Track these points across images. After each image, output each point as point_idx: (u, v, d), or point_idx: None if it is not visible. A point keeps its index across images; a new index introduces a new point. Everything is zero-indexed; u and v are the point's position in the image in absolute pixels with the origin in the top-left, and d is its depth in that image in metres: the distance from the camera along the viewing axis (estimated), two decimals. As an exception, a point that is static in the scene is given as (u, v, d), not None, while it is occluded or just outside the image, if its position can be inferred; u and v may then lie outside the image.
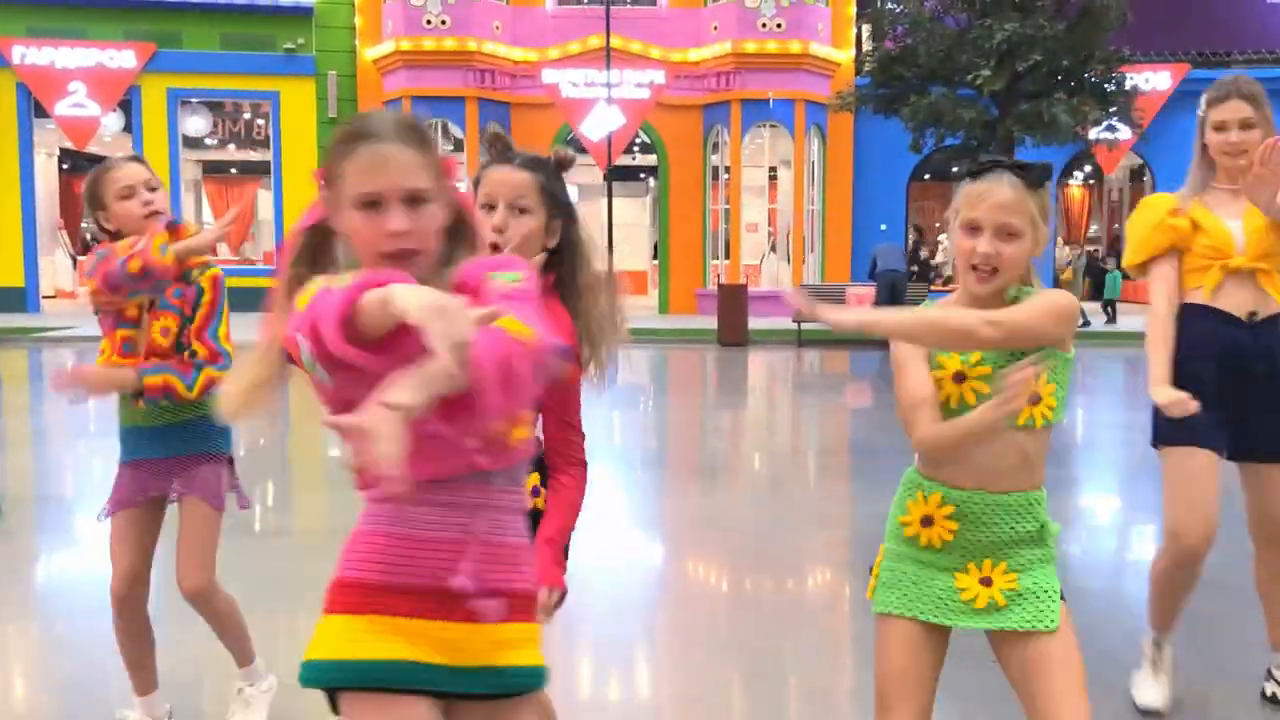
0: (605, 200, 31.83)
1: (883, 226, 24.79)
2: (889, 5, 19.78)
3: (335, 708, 1.68)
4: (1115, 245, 31.76)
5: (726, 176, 24.37)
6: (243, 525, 4.67)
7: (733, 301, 17.91)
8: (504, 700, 1.76)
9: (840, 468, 8.76)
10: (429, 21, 23.01)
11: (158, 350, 3.11)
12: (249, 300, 3.65)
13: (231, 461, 3.34)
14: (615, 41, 23.22)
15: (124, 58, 23.51)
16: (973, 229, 2.20)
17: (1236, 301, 3.35)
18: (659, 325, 20.69)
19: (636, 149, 26.84)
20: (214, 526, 3.24)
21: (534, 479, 2.31)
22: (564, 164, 2.46)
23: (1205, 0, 24.41)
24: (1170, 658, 3.60)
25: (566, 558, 2.30)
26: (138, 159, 3.23)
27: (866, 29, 20.72)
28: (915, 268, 26.66)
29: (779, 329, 19.38)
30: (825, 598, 5.15)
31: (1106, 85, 18.67)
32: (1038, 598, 2.23)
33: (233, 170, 28.09)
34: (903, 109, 18.36)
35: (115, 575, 3.20)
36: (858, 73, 22.91)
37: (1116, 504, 7.24)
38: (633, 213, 29.94)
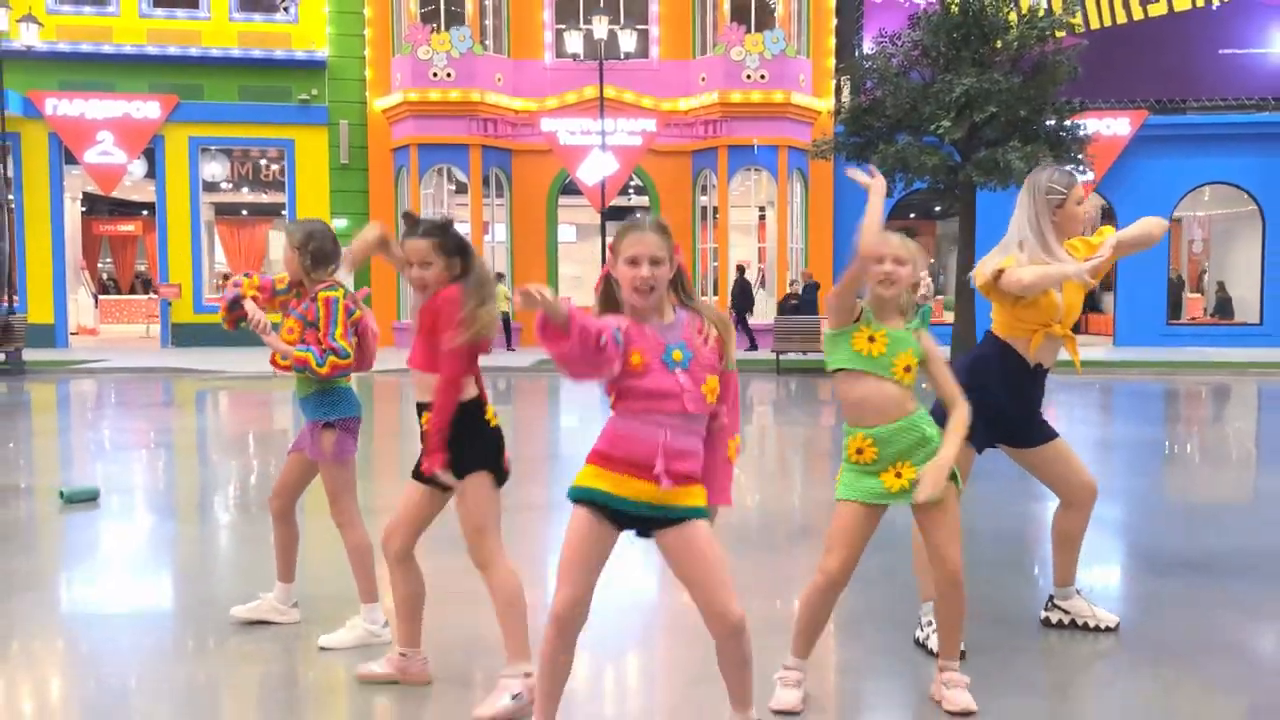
0: (598, 238, 33.45)
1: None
2: (864, 61, 21.35)
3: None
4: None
5: (715, 218, 25.91)
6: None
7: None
8: (680, 522, 3.16)
9: (826, 481, 10.12)
10: (435, 74, 24.59)
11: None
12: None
13: (343, 425, 4.62)
14: (610, 92, 24.83)
15: (149, 109, 25.12)
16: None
17: (1043, 355, 4.56)
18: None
19: (631, 191, 28.38)
20: (335, 477, 4.65)
21: None
22: (449, 222, 4.03)
23: (1160, 50, 26.00)
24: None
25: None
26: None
27: (845, 81, 22.27)
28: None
29: (760, 359, 20.88)
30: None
31: (1061, 133, 20.16)
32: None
33: (244, 212, 29.62)
34: (873, 156, 19.85)
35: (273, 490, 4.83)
36: (836, 121, 24.43)
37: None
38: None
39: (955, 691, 3.80)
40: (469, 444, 3.82)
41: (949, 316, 22.44)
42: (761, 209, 27.94)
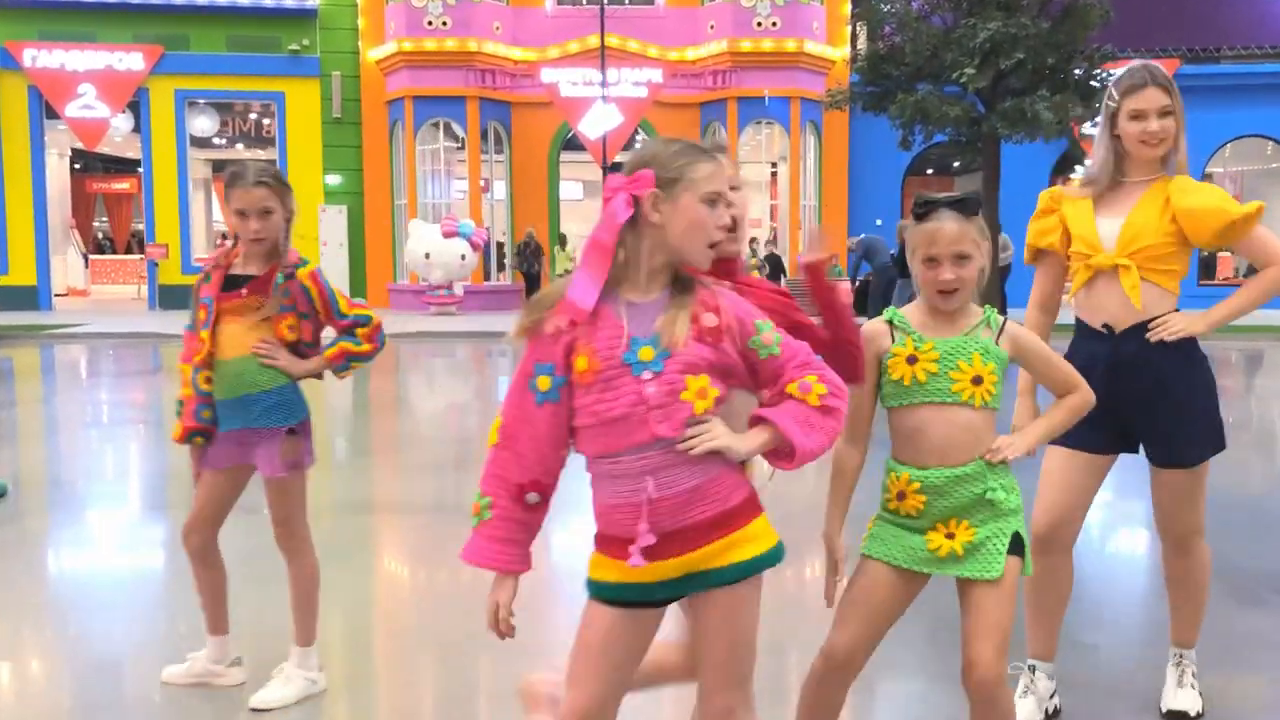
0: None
1: (878, 221, 25.11)
2: (881, 4, 20.10)
3: None
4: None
5: (724, 173, 24.74)
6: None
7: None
8: (715, 589, 2.22)
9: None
10: (430, 23, 23.44)
11: (291, 343, 3.63)
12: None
13: (303, 428, 3.72)
14: (613, 41, 23.64)
15: (132, 60, 24.03)
16: (932, 261, 2.68)
17: (1102, 308, 3.39)
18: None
19: (638, 144, 27.16)
20: (290, 493, 3.73)
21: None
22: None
23: (1196, -3, 24.71)
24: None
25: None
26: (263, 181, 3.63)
27: (861, 27, 21.07)
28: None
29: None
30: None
31: (1091, 82, 18.96)
32: (987, 551, 2.67)
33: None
34: (890, 106, 18.71)
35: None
36: (852, 71, 23.23)
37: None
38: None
39: None
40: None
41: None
42: (774, 164, 26.72)
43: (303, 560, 3.75)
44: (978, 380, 2.68)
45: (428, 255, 22.06)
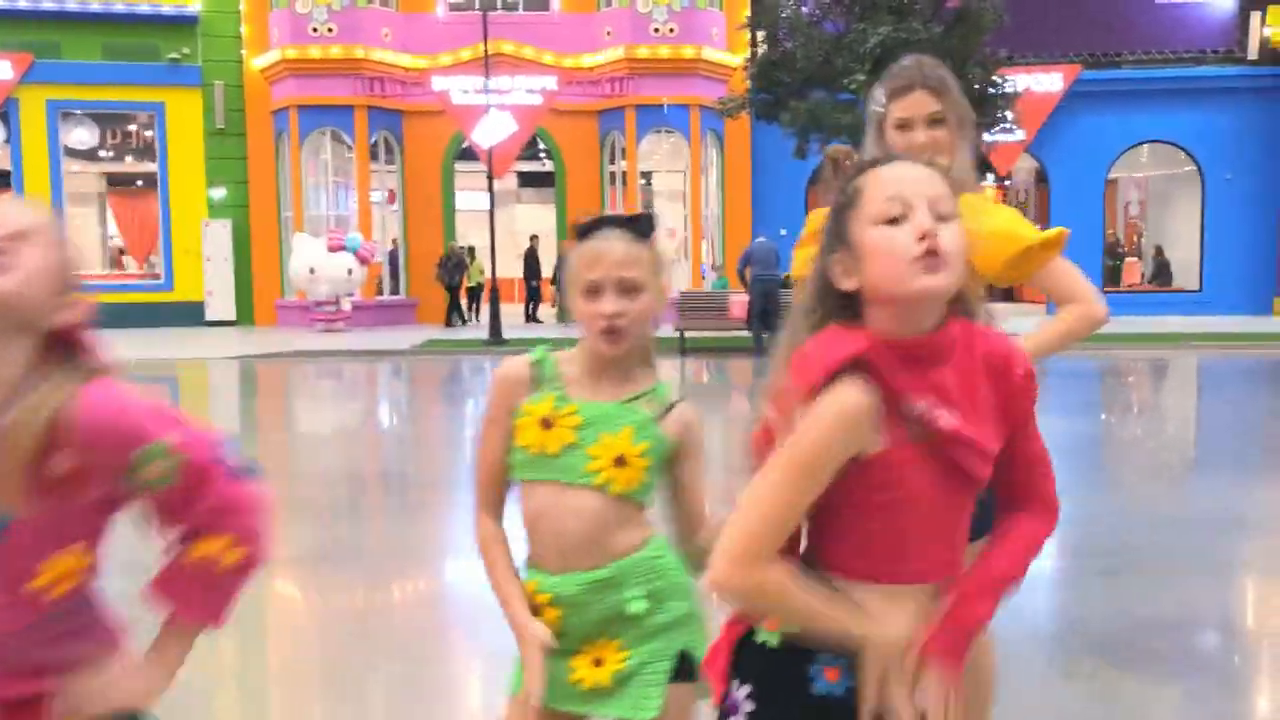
0: (514, 208, 31.57)
1: (782, 231, 24.59)
2: (780, 10, 19.57)
3: None
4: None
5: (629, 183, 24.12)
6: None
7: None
8: None
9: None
10: (315, 29, 22.56)
11: None
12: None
13: None
14: (508, 47, 22.96)
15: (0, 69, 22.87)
16: (593, 290, 2.03)
17: None
18: (550, 335, 20.40)
19: (544, 155, 26.48)
20: None
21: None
22: None
23: (1095, 2, 24.47)
24: None
25: None
26: None
27: (756, 33, 20.49)
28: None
29: (665, 337, 19.21)
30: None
31: (989, 88, 18.59)
32: (643, 682, 2.05)
33: (139, 183, 27.18)
34: (782, 114, 18.18)
35: None
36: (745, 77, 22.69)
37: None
38: (551, 220, 29.43)
39: None
40: None
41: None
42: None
43: None
44: (621, 461, 2.01)
45: (312, 270, 21.16)
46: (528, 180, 30.51)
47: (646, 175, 25.36)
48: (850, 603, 1.57)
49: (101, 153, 25.75)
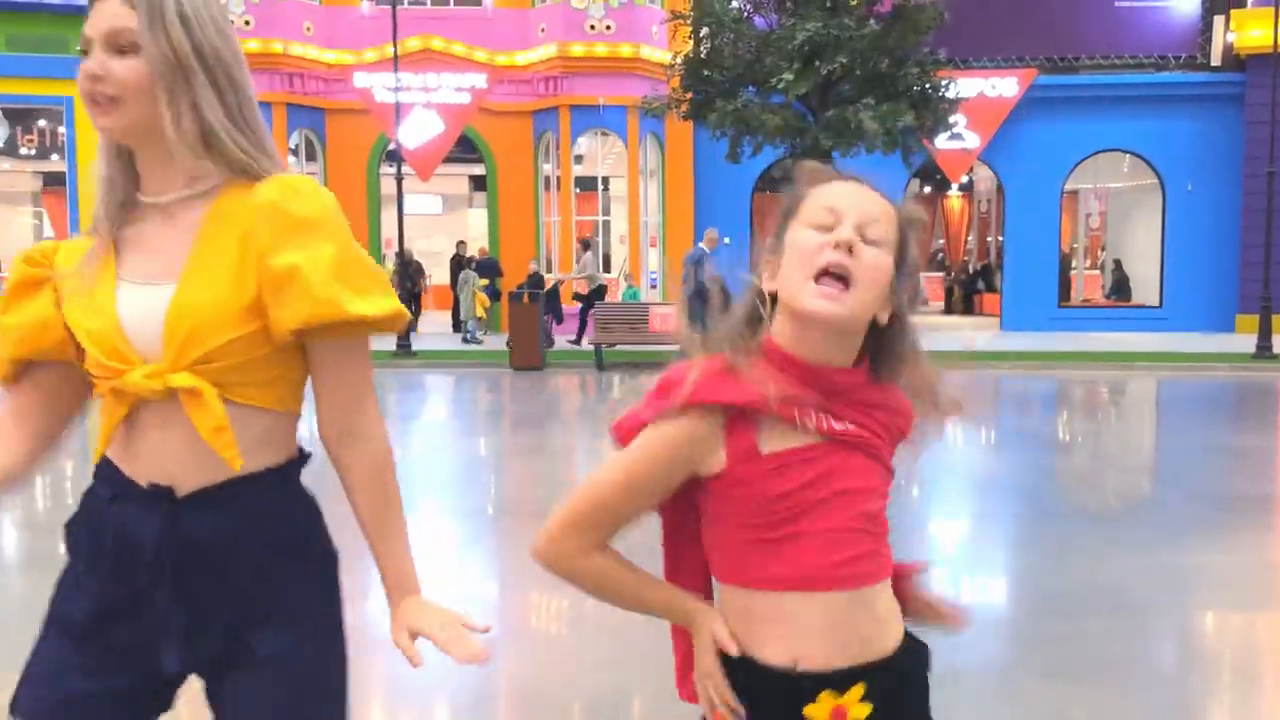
0: (469, 210, 30.41)
1: (725, 240, 23.51)
2: (714, 3, 18.45)
3: None
4: (986, 257, 30.92)
5: (559, 186, 22.98)
6: None
7: (524, 322, 16.50)
8: None
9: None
10: (231, 22, 21.33)
11: None
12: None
13: None
14: (437, 43, 21.87)
15: (-106, 60, 21.63)
16: None
17: None
18: (458, 348, 19.29)
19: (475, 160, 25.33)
20: None
21: None
22: None
23: (1052, 4, 23.43)
24: None
25: None
26: None
27: (682, 29, 19.34)
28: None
29: (582, 351, 18.06)
30: None
31: (938, 92, 17.50)
32: None
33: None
34: (709, 115, 17.07)
35: None
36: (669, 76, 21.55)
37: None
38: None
39: None
40: None
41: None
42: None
43: None
44: None
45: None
46: (481, 184, 29.38)
47: (605, 181, 24.19)
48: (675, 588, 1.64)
49: (23, 150, 24.55)
